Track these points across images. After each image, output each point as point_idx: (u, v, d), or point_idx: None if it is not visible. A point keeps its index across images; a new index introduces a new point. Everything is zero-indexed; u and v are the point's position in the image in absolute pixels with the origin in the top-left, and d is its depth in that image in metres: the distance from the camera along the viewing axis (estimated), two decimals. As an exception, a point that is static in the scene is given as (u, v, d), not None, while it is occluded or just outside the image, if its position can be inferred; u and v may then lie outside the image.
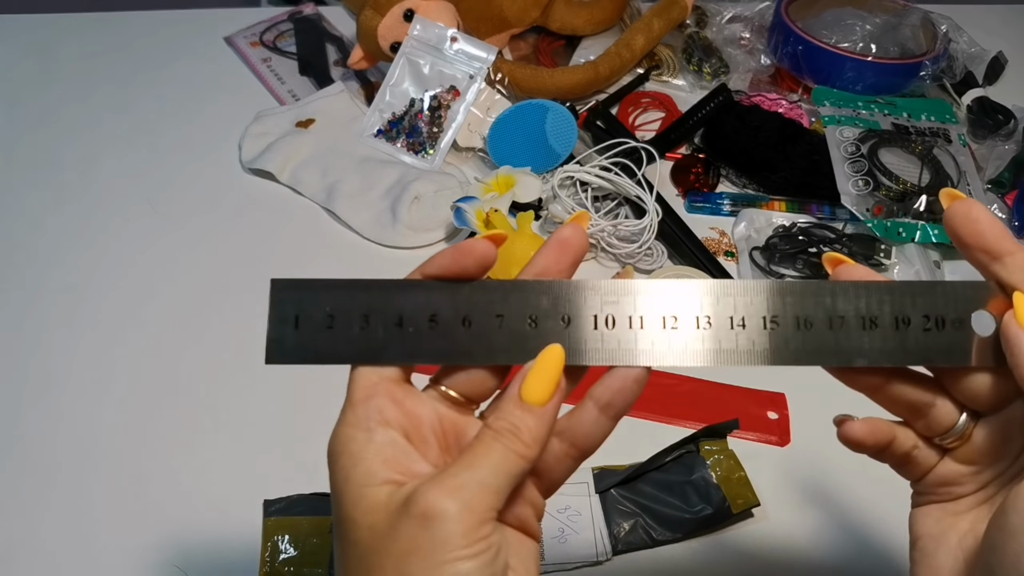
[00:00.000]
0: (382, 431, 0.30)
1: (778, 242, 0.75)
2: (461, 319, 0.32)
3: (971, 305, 0.32)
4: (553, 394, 0.31)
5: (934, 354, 0.32)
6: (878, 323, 0.32)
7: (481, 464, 0.29)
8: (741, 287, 0.32)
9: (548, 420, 0.31)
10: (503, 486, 0.30)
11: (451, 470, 0.29)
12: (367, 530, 0.29)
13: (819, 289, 0.32)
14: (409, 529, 0.28)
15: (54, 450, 0.60)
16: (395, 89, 0.85)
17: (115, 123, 0.89)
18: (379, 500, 0.29)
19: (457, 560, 0.28)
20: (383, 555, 0.28)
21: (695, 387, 0.64)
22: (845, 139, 0.82)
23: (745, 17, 0.96)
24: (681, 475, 0.57)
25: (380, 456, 0.30)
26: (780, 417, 0.62)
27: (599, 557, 0.53)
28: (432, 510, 0.28)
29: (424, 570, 0.28)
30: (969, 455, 0.34)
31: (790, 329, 0.32)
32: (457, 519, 0.28)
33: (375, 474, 0.29)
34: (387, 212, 0.77)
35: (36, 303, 0.70)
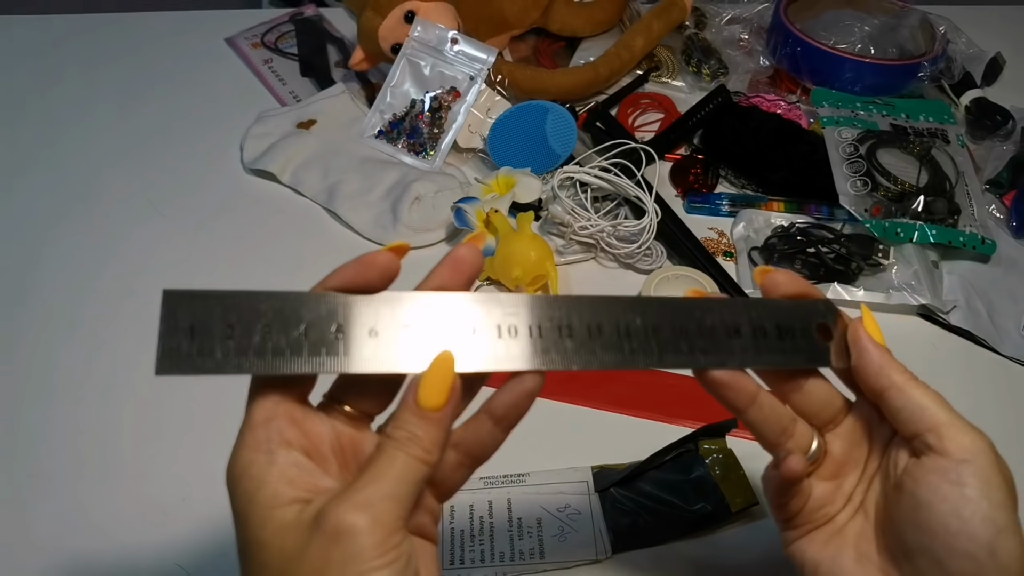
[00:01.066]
0: (284, 452, 0.30)
1: (777, 242, 0.75)
2: (367, 330, 0.32)
3: (814, 318, 0.38)
4: (448, 398, 0.31)
5: (790, 358, 0.37)
6: (741, 333, 0.36)
7: (385, 475, 0.30)
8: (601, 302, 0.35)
9: (445, 424, 0.32)
10: (409, 494, 0.30)
11: (356, 484, 0.30)
12: (277, 551, 0.29)
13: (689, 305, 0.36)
14: (321, 546, 0.28)
15: (55, 450, 0.60)
16: (396, 90, 0.85)
17: (116, 124, 0.89)
18: (287, 520, 0.29)
19: (371, 571, 0.28)
20: (296, 574, 0.29)
21: (694, 386, 0.64)
22: (843, 140, 0.82)
23: (744, 18, 0.97)
24: (680, 474, 0.57)
25: (284, 477, 0.30)
26: (779, 416, 0.63)
27: (599, 556, 0.53)
28: (342, 526, 0.28)
29: None
30: (829, 471, 0.38)
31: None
32: (368, 532, 0.28)
33: (281, 495, 0.30)
34: (388, 213, 0.77)
35: (37, 303, 0.71)
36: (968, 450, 0.34)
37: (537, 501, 0.56)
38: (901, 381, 0.36)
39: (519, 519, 0.55)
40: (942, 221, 0.75)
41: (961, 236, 0.75)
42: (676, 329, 0.35)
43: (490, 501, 0.56)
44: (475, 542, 0.54)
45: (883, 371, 0.36)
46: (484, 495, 0.56)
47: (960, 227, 0.75)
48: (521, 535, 0.54)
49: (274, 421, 0.31)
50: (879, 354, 0.36)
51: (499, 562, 0.53)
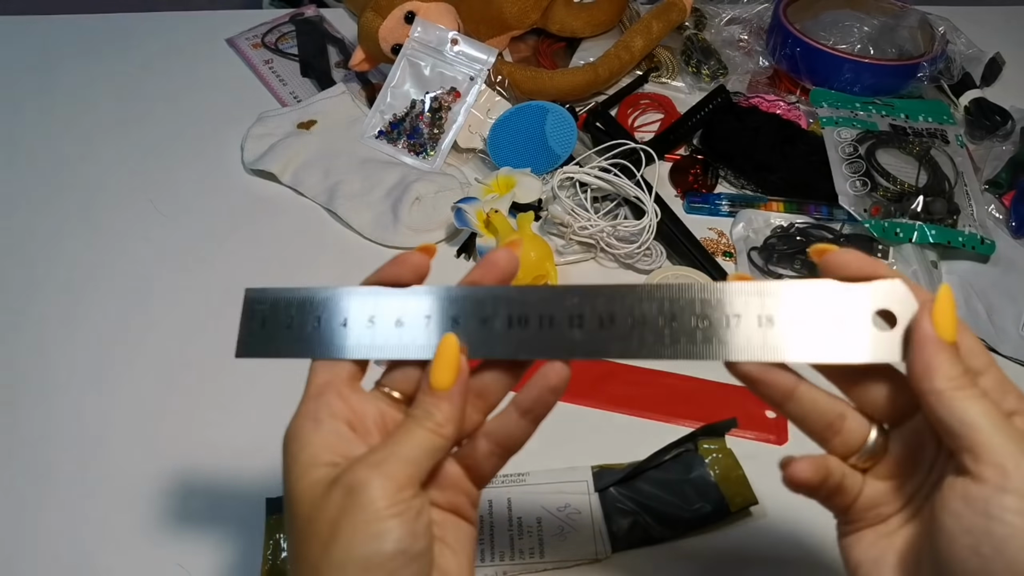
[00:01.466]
0: (329, 422, 0.35)
1: (776, 242, 0.75)
2: (395, 320, 0.36)
3: (873, 302, 0.34)
4: (455, 378, 0.35)
5: (838, 351, 0.34)
6: (775, 322, 0.34)
7: (400, 442, 0.34)
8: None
9: (456, 401, 0.35)
10: (420, 459, 0.34)
11: (375, 449, 0.34)
12: (307, 504, 0.33)
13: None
14: (338, 498, 0.32)
15: (55, 448, 0.60)
16: (396, 91, 0.85)
17: (117, 125, 0.89)
18: (318, 477, 0.33)
19: (379, 520, 0.32)
20: (318, 522, 0.33)
21: (694, 386, 0.65)
22: (843, 140, 0.82)
23: (743, 19, 0.97)
24: (680, 474, 0.57)
25: (324, 442, 0.34)
26: (778, 416, 0.63)
27: (598, 555, 0.54)
28: (356, 481, 0.32)
29: (351, 529, 0.32)
30: (887, 471, 0.35)
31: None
32: (378, 486, 0.32)
33: (319, 457, 0.34)
34: (388, 213, 0.77)
35: (38, 303, 0.71)
36: (1009, 476, 0.29)
37: (537, 501, 0.56)
38: (943, 388, 0.30)
39: (519, 519, 0.55)
40: (941, 221, 0.76)
41: (960, 236, 0.75)
42: (700, 316, 0.34)
43: (490, 501, 0.56)
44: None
45: (926, 373, 0.31)
46: (484, 494, 0.56)
47: (959, 227, 0.75)
48: (521, 534, 0.54)
49: (324, 395, 0.35)
50: (931, 352, 0.31)
51: (499, 561, 0.53)
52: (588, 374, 0.65)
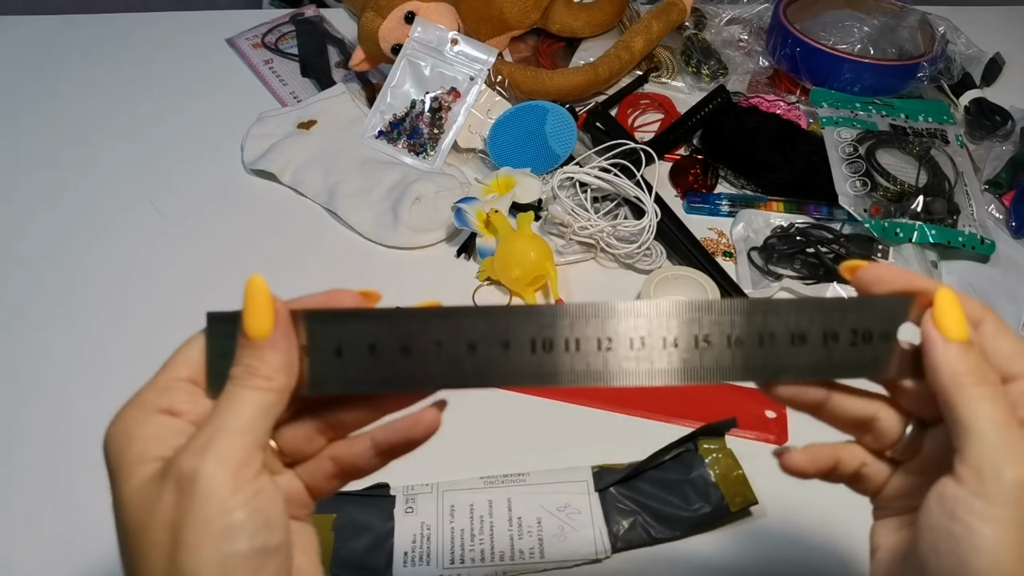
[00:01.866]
0: (164, 417, 0.30)
1: (776, 242, 0.75)
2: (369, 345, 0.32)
3: (898, 318, 0.32)
4: (272, 321, 0.30)
5: (859, 368, 0.32)
6: (807, 339, 0.32)
7: (226, 412, 0.29)
8: (676, 307, 0.32)
9: (280, 346, 0.30)
10: (255, 425, 0.29)
11: (199, 430, 0.29)
12: (137, 509, 0.28)
13: (752, 307, 0.32)
14: (170, 496, 0.27)
15: (54, 448, 0.60)
16: (396, 91, 0.85)
17: (117, 125, 0.89)
18: (148, 476, 0.28)
19: (224, 513, 0.27)
20: (154, 530, 0.28)
21: (694, 386, 0.65)
22: (843, 140, 0.82)
23: (744, 19, 0.97)
24: (680, 474, 0.57)
25: (156, 434, 0.29)
26: (778, 416, 0.63)
27: (598, 555, 0.54)
28: (185, 471, 0.27)
29: (195, 531, 0.27)
30: (921, 466, 0.34)
31: (723, 347, 0.32)
32: (212, 471, 0.27)
33: (147, 451, 0.29)
34: (388, 213, 0.77)
35: (38, 303, 0.71)
36: (984, 481, 0.27)
37: (537, 501, 0.56)
38: (949, 387, 0.29)
39: (519, 518, 0.55)
40: (941, 221, 0.76)
41: (960, 236, 0.75)
42: (733, 339, 0.32)
43: (490, 501, 0.56)
44: (475, 542, 0.54)
45: (933, 373, 0.30)
46: (484, 495, 0.56)
47: (959, 227, 0.75)
48: (521, 534, 0.54)
49: (173, 391, 0.30)
50: (938, 352, 0.30)
51: (499, 561, 0.53)
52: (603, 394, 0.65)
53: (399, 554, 0.53)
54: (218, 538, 0.27)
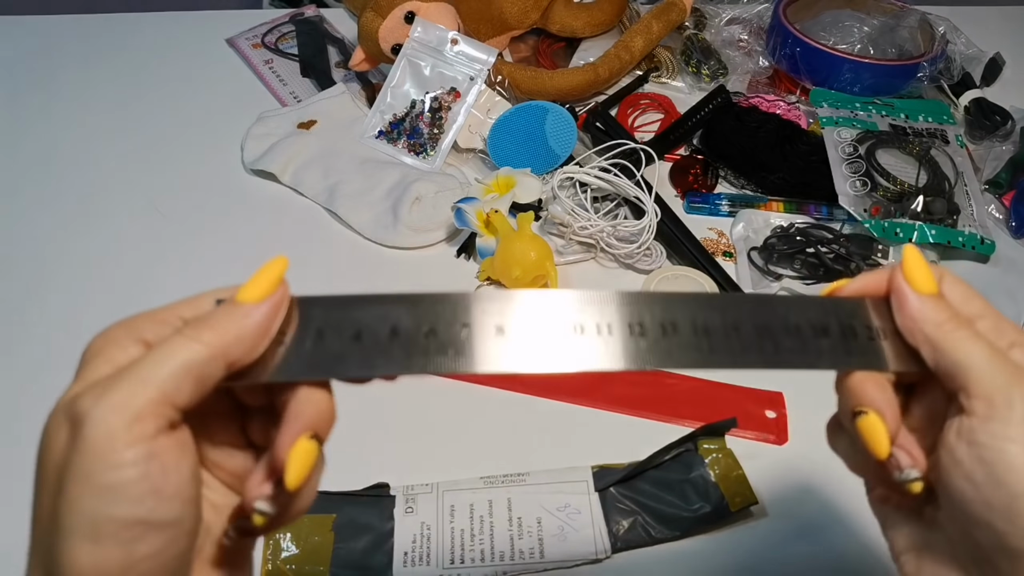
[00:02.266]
0: (141, 349, 0.28)
1: (776, 242, 0.75)
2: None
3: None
4: (265, 295, 0.28)
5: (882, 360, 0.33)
6: (829, 332, 0.33)
7: (146, 361, 0.26)
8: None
9: (253, 316, 0.28)
10: (169, 378, 0.25)
11: (115, 373, 0.26)
12: (42, 441, 0.27)
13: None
14: (63, 434, 0.25)
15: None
16: (396, 91, 0.85)
17: (117, 125, 0.89)
18: (59, 407, 0.26)
19: (108, 468, 0.24)
20: (46, 467, 0.26)
21: (694, 386, 0.65)
22: (843, 140, 0.82)
23: (743, 19, 0.97)
24: (680, 473, 0.57)
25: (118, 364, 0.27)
26: (778, 416, 0.63)
27: (598, 555, 0.54)
28: (79, 410, 0.25)
29: (76, 484, 0.24)
30: (911, 429, 0.34)
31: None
32: (102, 418, 0.24)
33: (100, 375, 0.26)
34: (388, 213, 0.77)
35: (38, 303, 0.71)
36: (995, 406, 0.29)
37: (537, 501, 0.56)
38: (931, 333, 0.31)
39: (519, 519, 0.55)
40: (941, 221, 0.76)
41: (960, 236, 0.75)
42: (759, 328, 0.32)
43: (490, 501, 0.56)
44: (475, 542, 0.54)
45: (915, 325, 0.31)
46: (484, 495, 0.56)
47: (959, 227, 0.76)
48: (521, 535, 0.54)
49: (163, 327, 0.28)
50: (912, 304, 0.31)
51: (499, 561, 0.53)
52: (588, 374, 0.65)
53: (399, 554, 0.53)
54: (96, 494, 0.24)
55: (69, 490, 0.24)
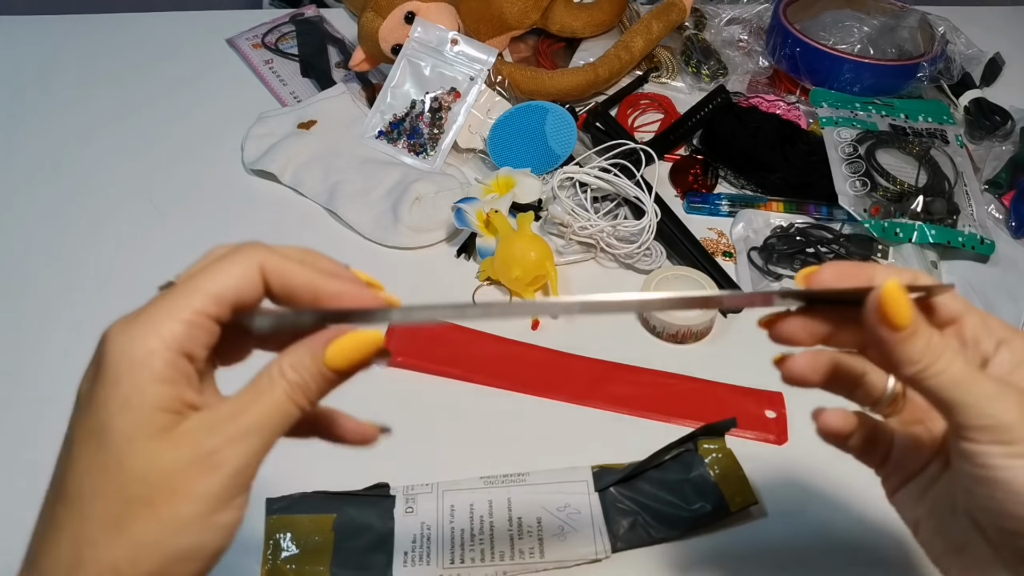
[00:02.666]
0: (183, 362, 0.30)
1: (776, 242, 0.75)
2: None
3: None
4: (353, 368, 0.31)
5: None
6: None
7: (266, 414, 0.30)
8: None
9: (335, 384, 0.31)
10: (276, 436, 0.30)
11: (234, 415, 0.30)
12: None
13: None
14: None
15: (54, 448, 0.60)
16: (396, 91, 0.85)
17: (117, 125, 0.89)
18: (155, 428, 0.28)
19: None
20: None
21: (693, 386, 0.65)
22: (843, 140, 0.82)
23: (743, 19, 0.97)
24: (680, 473, 0.57)
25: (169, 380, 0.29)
26: (778, 416, 0.63)
27: (598, 555, 0.54)
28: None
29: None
30: (912, 416, 0.36)
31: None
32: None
33: (160, 399, 0.29)
34: (388, 213, 0.77)
35: (37, 303, 0.71)
36: (999, 429, 0.30)
37: (537, 501, 0.56)
38: (916, 377, 0.31)
39: (519, 518, 0.55)
40: (941, 221, 0.76)
41: (960, 236, 0.75)
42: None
43: (490, 501, 0.56)
44: (475, 542, 0.54)
45: (900, 370, 0.32)
46: (484, 495, 0.56)
47: (959, 227, 0.76)
48: (521, 534, 0.54)
49: (195, 330, 0.30)
50: (894, 350, 0.31)
51: (499, 561, 0.53)
52: (588, 374, 0.65)
53: (399, 554, 0.53)
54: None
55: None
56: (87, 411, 0.28)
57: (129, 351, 0.28)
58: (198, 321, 0.29)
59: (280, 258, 0.32)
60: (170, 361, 0.28)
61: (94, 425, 0.28)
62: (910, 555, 0.54)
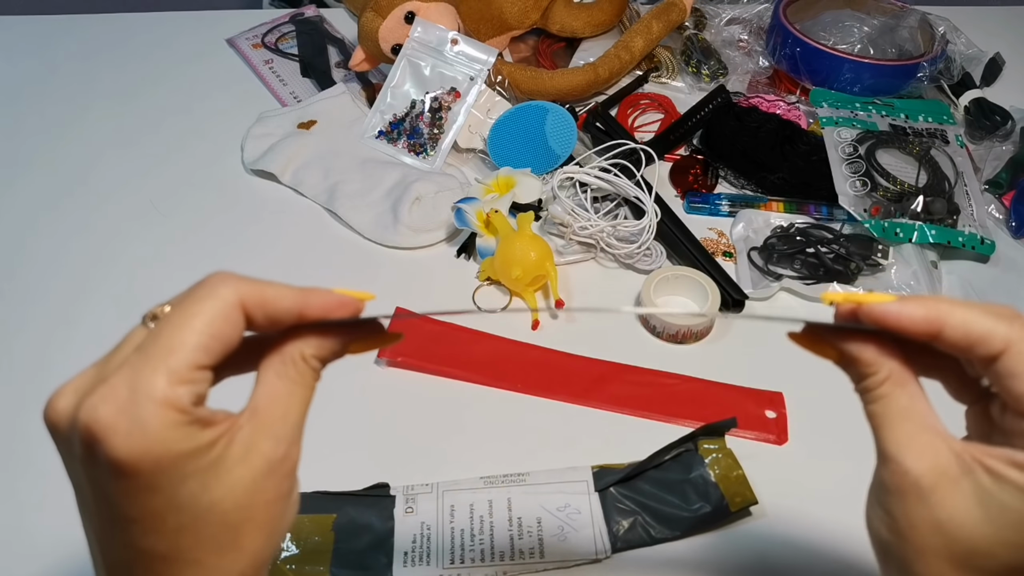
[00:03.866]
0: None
1: (776, 242, 0.75)
2: None
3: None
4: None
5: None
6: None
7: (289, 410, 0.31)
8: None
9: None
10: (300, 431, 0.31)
11: (264, 419, 0.30)
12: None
13: None
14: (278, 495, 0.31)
15: (53, 451, 0.60)
16: (396, 91, 0.85)
17: (117, 125, 0.89)
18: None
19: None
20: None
21: (694, 386, 0.65)
22: (843, 140, 0.82)
23: (744, 19, 0.97)
24: (680, 473, 0.57)
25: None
26: (778, 416, 0.63)
27: (598, 555, 0.54)
28: (255, 456, 0.30)
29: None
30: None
31: None
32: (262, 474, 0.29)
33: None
34: (388, 213, 0.77)
35: (37, 303, 0.71)
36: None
37: (537, 500, 0.56)
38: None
39: (519, 518, 0.55)
40: (941, 221, 0.76)
41: (960, 236, 0.75)
42: None
43: (490, 501, 0.56)
44: (475, 541, 0.54)
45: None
46: (484, 495, 0.56)
47: (959, 227, 0.75)
48: (521, 534, 0.54)
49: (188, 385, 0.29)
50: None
51: (499, 561, 0.53)
52: (588, 374, 0.65)
53: (399, 554, 0.53)
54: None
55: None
56: (137, 497, 0.28)
57: (153, 437, 0.27)
58: (196, 376, 0.29)
59: (257, 287, 0.31)
60: (194, 419, 0.28)
61: (158, 506, 0.28)
62: (910, 555, 0.54)
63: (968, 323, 0.30)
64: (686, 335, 0.68)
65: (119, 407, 0.27)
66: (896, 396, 0.32)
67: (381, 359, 0.66)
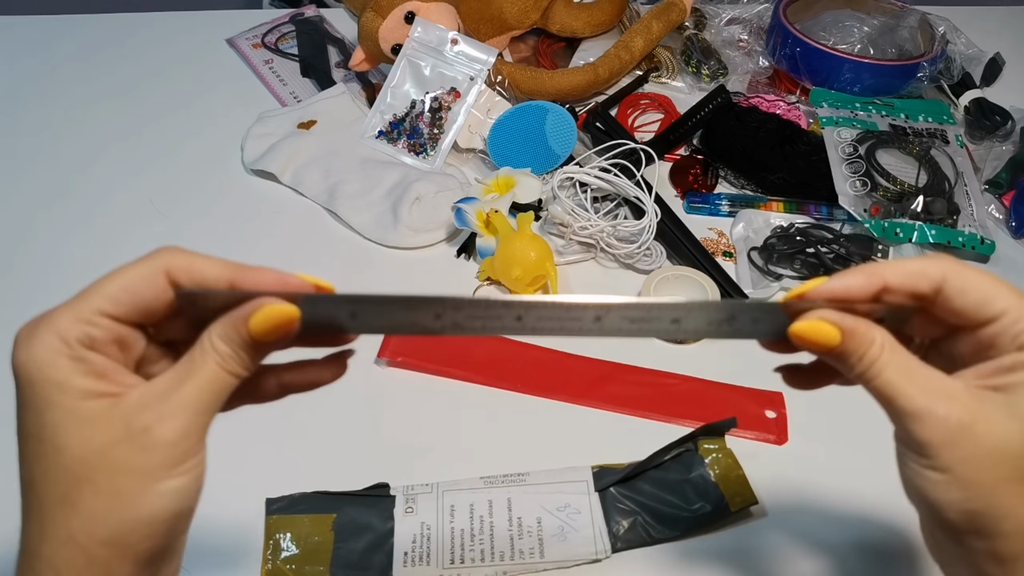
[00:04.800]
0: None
1: (776, 243, 0.75)
2: None
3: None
4: (279, 335, 0.33)
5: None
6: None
7: (200, 385, 0.32)
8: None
9: (266, 352, 0.34)
10: (215, 406, 0.33)
11: (169, 389, 0.32)
12: (79, 441, 0.30)
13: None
14: (124, 445, 0.31)
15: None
16: (396, 91, 0.85)
17: (117, 125, 0.89)
18: (96, 412, 0.31)
19: (164, 479, 0.30)
20: (95, 468, 0.30)
21: (694, 386, 0.65)
22: (843, 140, 0.82)
23: (744, 19, 0.97)
24: (680, 473, 0.57)
25: (93, 370, 0.32)
26: (778, 416, 0.63)
27: (598, 555, 0.54)
28: (147, 429, 0.31)
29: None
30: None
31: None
32: (171, 443, 0.31)
33: (90, 387, 0.31)
34: (388, 213, 0.77)
35: (37, 303, 0.71)
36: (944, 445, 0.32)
37: (537, 500, 0.56)
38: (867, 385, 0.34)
39: (519, 518, 0.55)
40: (941, 221, 0.76)
41: (960, 236, 0.75)
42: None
43: (490, 501, 0.56)
44: (475, 542, 0.54)
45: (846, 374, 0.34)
46: (484, 495, 0.56)
47: (959, 227, 0.76)
48: (521, 534, 0.54)
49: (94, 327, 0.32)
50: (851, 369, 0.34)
51: (499, 561, 0.53)
52: (588, 374, 0.65)
53: (399, 554, 0.53)
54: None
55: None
56: (22, 412, 0.31)
57: (36, 356, 0.31)
58: (96, 320, 0.32)
59: (189, 256, 0.34)
60: (78, 356, 0.31)
61: (31, 425, 0.30)
62: (911, 555, 0.54)
63: (904, 266, 0.33)
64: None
65: (30, 327, 0.32)
66: (898, 359, 0.33)
67: (381, 359, 0.66)
